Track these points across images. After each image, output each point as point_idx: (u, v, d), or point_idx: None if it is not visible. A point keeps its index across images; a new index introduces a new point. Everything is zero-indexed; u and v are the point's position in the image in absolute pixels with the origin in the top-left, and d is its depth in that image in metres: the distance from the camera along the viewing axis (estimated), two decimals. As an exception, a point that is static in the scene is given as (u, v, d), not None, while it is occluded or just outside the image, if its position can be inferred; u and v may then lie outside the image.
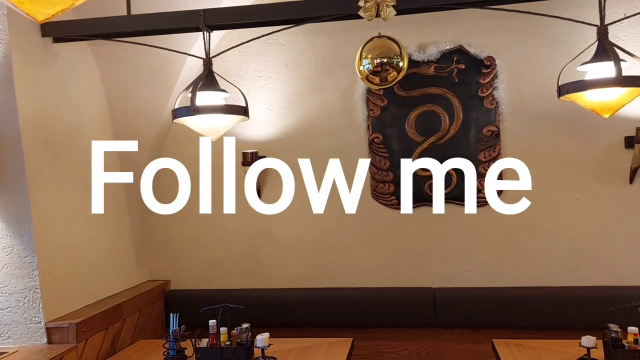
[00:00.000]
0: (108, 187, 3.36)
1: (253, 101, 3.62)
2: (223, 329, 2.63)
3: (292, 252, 3.66)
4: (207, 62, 2.65)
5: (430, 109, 3.50)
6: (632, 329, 2.45)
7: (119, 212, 3.52)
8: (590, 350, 2.46)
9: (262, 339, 2.55)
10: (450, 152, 3.47)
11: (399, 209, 3.54)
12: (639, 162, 3.22)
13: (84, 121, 3.19)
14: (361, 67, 2.72)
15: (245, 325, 2.65)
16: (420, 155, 3.51)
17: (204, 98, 2.57)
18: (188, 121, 2.58)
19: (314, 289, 3.58)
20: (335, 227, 3.61)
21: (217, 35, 3.57)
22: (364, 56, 2.69)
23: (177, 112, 2.55)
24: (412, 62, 3.43)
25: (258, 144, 3.65)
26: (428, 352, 3.41)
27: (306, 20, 2.79)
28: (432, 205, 3.50)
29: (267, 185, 3.68)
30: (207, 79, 2.60)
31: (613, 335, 2.44)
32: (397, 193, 3.53)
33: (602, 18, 2.46)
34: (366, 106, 3.56)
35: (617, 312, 2.46)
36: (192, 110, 2.48)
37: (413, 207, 3.52)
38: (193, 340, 2.63)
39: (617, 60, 2.29)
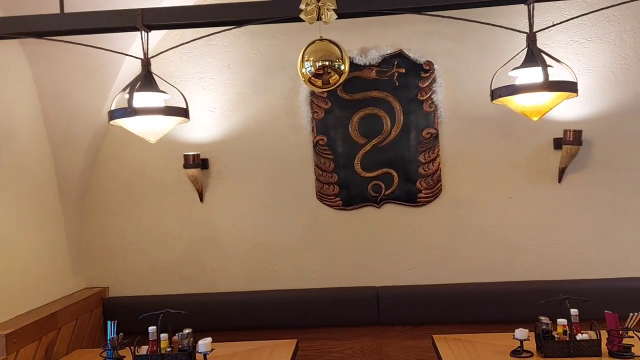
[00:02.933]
0: (41, 191, 3.23)
1: (195, 103, 3.58)
2: (164, 336, 2.58)
3: (236, 255, 3.63)
4: (146, 62, 2.58)
5: (372, 112, 3.57)
6: (561, 321, 2.59)
7: (53, 217, 3.38)
8: (523, 342, 2.58)
9: (204, 344, 2.52)
10: (391, 153, 3.55)
11: (344, 210, 3.58)
12: (567, 163, 3.40)
13: (15, 124, 3.04)
14: (303, 70, 2.74)
15: (186, 331, 2.61)
16: (364, 157, 3.57)
17: (143, 99, 2.51)
18: (125, 123, 2.51)
19: (258, 292, 3.57)
20: (279, 229, 3.62)
21: (157, 35, 3.50)
22: (306, 59, 2.71)
23: (114, 114, 2.47)
24: (354, 66, 3.50)
25: (200, 146, 3.61)
26: (372, 349, 3.47)
27: (247, 22, 2.77)
28: (375, 206, 3.57)
29: (209, 188, 3.64)
30: (145, 80, 2.54)
31: (544, 327, 2.57)
32: (341, 194, 3.58)
33: (531, 25, 2.57)
34: (310, 108, 3.59)
35: (547, 305, 2.60)
36: (129, 111, 2.41)
37: (357, 208, 3.58)
38: (132, 348, 2.57)
39: (545, 66, 2.40)
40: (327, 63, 2.68)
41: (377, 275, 3.56)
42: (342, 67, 2.71)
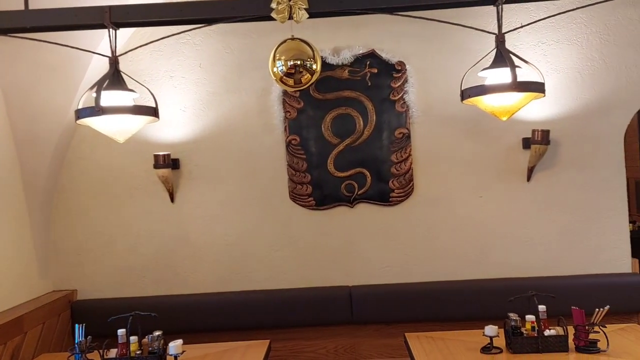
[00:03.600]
0: (5, 192, 3.14)
1: (166, 102, 3.54)
2: (133, 338, 2.54)
3: (208, 256, 3.60)
4: (113, 60, 2.54)
5: (345, 112, 3.57)
6: (529, 317, 2.63)
7: (18, 219, 3.30)
8: (493, 338, 2.62)
9: (174, 346, 2.49)
10: (364, 153, 3.57)
11: (317, 209, 3.58)
12: (535, 162, 3.46)
13: (-22, 122, 2.96)
14: (275, 69, 2.72)
15: (157, 333, 2.57)
16: (337, 157, 3.57)
17: (111, 98, 2.47)
18: (92, 122, 2.46)
19: (231, 293, 3.54)
20: (252, 230, 3.59)
21: (126, 32, 3.44)
22: (277, 58, 2.70)
23: (81, 113, 2.42)
24: (326, 65, 3.50)
25: (171, 146, 3.56)
26: (345, 348, 3.48)
27: (218, 21, 2.75)
28: (348, 205, 3.57)
29: (180, 188, 3.59)
30: (113, 78, 2.49)
31: (513, 323, 2.60)
32: (315, 194, 3.58)
33: (499, 27, 2.61)
34: (283, 108, 3.58)
35: (517, 301, 2.63)
36: (96, 110, 2.37)
37: (330, 208, 3.58)
38: (101, 351, 2.52)
39: (513, 67, 2.43)
40: (298, 62, 2.66)
41: (350, 274, 3.57)
42: (314, 67, 2.70)
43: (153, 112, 2.55)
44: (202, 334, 3.33)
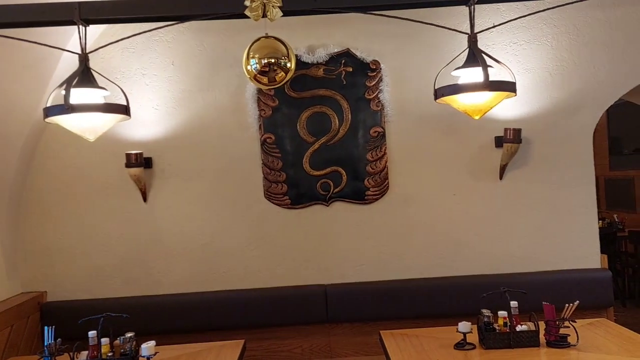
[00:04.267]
0: (-29, 192, 3.05)
1: (137, 100, 3.49)
2: (104, 340, 2.49)
3: (182, 256, 3.56)
4: (83, 57, 2.49)
5: (320, 110, 3.57)
6: (501, 313, 2.67)
7: (-15, 220, 3.21)
8: (466, 335, 2.65)
9: (147, 347, 2.45)
10: (340, 152, 3.57)
11: (292, 208, 3.57)
12: (507, 160, 3.51)
13: (-59, 120, 2.87)
14: (249, 67, 2.70)
15: (129, 335, 2.53)
16: (312, 155, 3.57)
17: (81, 96, 2.42)
18: (62, 120, 2.40)
19: (205, 293, 3.51)
20: (227, 229, 3.57)
21: (97, 29, 3.38)
22: (251, 56, 2.67)
23: (49, 111, 2.37)
24: (301, 64, 3.49)
25: (143, 145, 3.51)
26: (320, 348, 3.48)
27: (191, 18, 2.73)
28: (324, 204, 3.57)
29: (153, 187, 3.55)
30: (83, 76, 2.44)
31: (485, 319, 2.64)
32: (290, 193, 3.57)
33: (472, 27, 2.64)
34: (257, 106, 3.56)
35: (490, 297, 2.67)
36: (66, 108, 2.32)
37: (305, 206, 3.58)
38: (71, 354, 2.47)
39: (485, 66, 2.46)
40: (272, 60, 2.65)
41: (325, 273, 3.57)
42: (289, 65, 2.69)
43: (124, 110, 2.51)
44: (176, 335, 3.29)
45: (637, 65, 3.54)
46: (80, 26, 2.54)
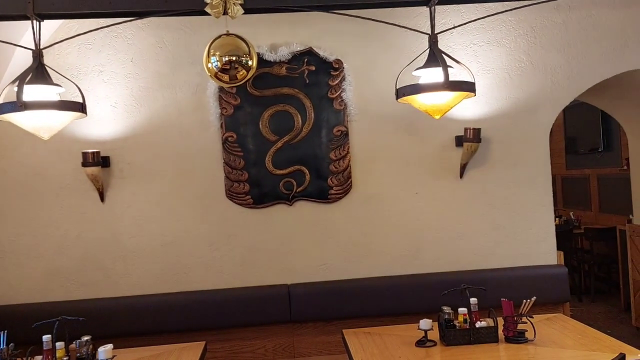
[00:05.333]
0: None
1: (95, 97, 3.40)
2: (59, 344, 2.42)
3: (142, 257, 3.48)
4: (37, 53, 2.40)
5: (283, 109, 3.55)
6: (462, 310, 2.71)
7: None
8: (427, 332, 2.68)
9: (104, 351, 2.40)
10: (303, 151, 3.56)
11: (255, 208, 3.54)
12: (467, 159, 3.57)
13: None
14: (209, 65, 2.66)
15: (85, 338, 2.47)
16: (275, 154, 3.54)
17: (35, 93, 2.33)
18: (14, 118, 2.31)
19: (165, 295, 3.45)
20: (188, 229, 3.51)
21: (53, 24, 3.28)
22: (212, 53, 2.64)
23: (1, 108, 2.27)
24: (264, 62, 3.47)
25: (100, 143, 3.43)
26: (284, 347, 3.46)
27: (150, 14, 2.66)
28: (287, 203, 3.55)
29: (111, 187, 3.46)
30: (37, 72, 2.36)
31: (446, 317, 2.67)
32: (252, 192, 3.53)
33: (432, 27, 2.67)
34: (219, 104, 3.51)
35: (450, 295, 2.71)
36: (18, 105, 2.23)
37: (268, 206, 3.55)
38: (24, 359, 2.39)
39: (445, 67, 2.49)
40: (234, 58, 2.61)
41: (289, 273, 3.55)
42: (250, 63, 2.66)
43: (80, 107, 2.43)
44: (135, 337, 3.23)
45: (591, 66, 3.66)
46: (34, 21, 2.45)
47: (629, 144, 5.04)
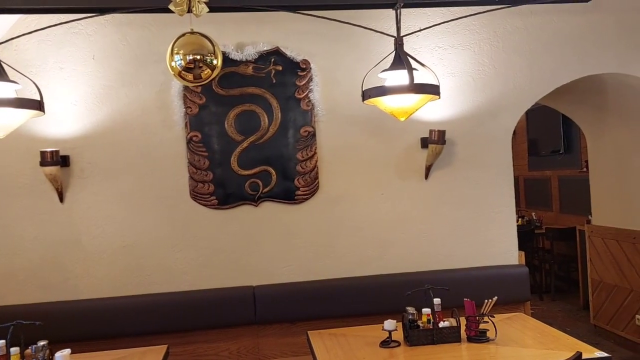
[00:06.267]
0: None
1: (54, 95, 3.30)
2: (14, 350, 2.34)
3: (102, 259, 3.40)
4: (-9, 48, 2.33)
5: (249, 109, 3.52)
6: (425, 310, 2.74)
7: None
8: (392, 332, 2.70)
9: (61, 356, 2.33)
10: (269, 151, 3.54)
11: (220, 209, 3.50)
12: (432, 160, 3.61)
13: None
14: (173, 63, 2.60)
15: (41, 343, 2.40)
16: (241, 155, 3.51)
17: (-12, 89, 2.26)
18: (-34, 115, 2.24)
19: (127, 297, 3.37)
20: (150, 231, 3.44)
21: (10, 20, 3.17)
22: (175, 52, 2.58)
23: (-48, 105, 2.19)
24: (230, 61, 3.44)
25: (60, 142, 3.33)
26: (248, 349, 3.43)
27: (111, 10, 2.62)
28: (252, 204, 3.53)
29: (71, 187, 3.37)
30: (-8, 68, 2.29)
31: (410, 317, 2.70)
32: (217, 193, 3.49)
33: (398, 30, 2.69)
34: (183, 103, 3.46)
35: (415, 295, 2.74)
36: (-29, 102, 2.16)
37: (233, 207, 3.52)
38: (-24, 366, 2.30)
39: (410, 70, 2.51)
40: (198, 57, 2.57)
41: (254, 274, 3.52)
42: (215, 62, 2.62)
43: (38, 105, 2.37)
44: (96, 341, 3.15)
45: (552, 71, 3.75)
46: (-12, 14, 2.37)
47: (588, 147, 5.19)
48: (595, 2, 3.21)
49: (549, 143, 7.41)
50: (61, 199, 3.35)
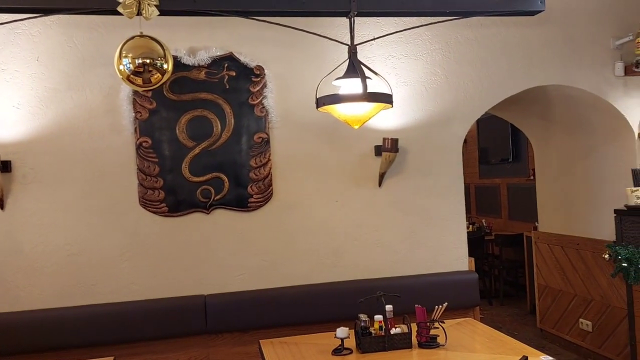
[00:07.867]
0: None
1: (-6, 97, 3.15)
2: (-55, 367, 2.20)
3: (46, 268, 3.26)
4: None
5: (201, 114, 3.46)
6: (377, 317, 2.75)
7: None
8: (344, 340, 2.69)
9: (-3, 372, 2.20)
10: (222, 158, 3.48)
11: (170, 216, 3.42)
12: (386, 168, 3.65)
13: None
14: (121, 67, 2.54)
15: (-24, 359, 2.26)
16: (192, 161, 3.45)
17: None
18: None
19: (71, 308, 3.23)
20: (97, 239, 3.32)
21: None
22: (124, 55, 2.52)
23: None
24: (182, 66, 3.38)
25: (1, 147, 3.17)
26: (198, 360, 3.36)
27: (56, 11, 2.52)
28: (204, 212, 3.46)
29: (12, 194, 3.21)
30: None
31: (362, 324, 2.70)
32: (167, 200, 3.41)
33: (352, 38, 2.71)
34: (133, 108, 3.37)
35: (367, 302, 2.75)
36: None
37: (184, 214, 3.44)
38: None
39: (364, 78, 2.53)
40: (147, 61, 2.51)
41: (205, 283, 3.45)
42: (165, 66, 2.57)
43: (-26, 107, 2.25)
44: (39, 354, 3.03)
45: (500, 82, 3.86)
46: None
47: (535, 156, 5.38)
48: (542, 16, 3.33)
49: (498, 152, 7.64)
50: (2, 206, 3.19)
